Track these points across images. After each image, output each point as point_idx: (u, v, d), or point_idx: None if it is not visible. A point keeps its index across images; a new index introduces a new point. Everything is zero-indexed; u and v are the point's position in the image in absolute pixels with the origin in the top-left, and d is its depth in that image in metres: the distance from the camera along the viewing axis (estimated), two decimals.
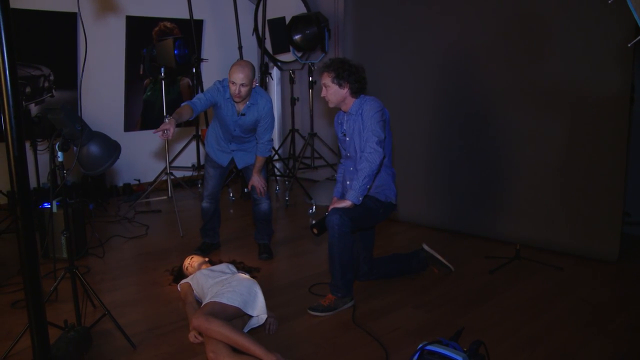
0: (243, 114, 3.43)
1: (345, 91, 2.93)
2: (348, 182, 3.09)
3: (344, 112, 3.04)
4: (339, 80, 2.90)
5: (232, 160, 3.70)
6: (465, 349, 2.05)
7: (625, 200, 3.54)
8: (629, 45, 2.71)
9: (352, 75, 2.90)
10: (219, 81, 3.43)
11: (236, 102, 3.37)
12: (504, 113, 3.99)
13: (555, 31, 3.66)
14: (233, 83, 3.25)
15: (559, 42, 3.65)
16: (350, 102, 2.97)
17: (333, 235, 2.81)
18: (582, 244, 3.65)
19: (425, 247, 3.42)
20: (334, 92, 2.94)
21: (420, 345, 2.07)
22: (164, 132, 2.95)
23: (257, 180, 3.62)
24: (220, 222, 3.98)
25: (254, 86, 3.37)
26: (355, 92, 2.95)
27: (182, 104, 3.30)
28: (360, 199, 2.84)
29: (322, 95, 3.00)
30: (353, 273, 2.95)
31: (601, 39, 3.46)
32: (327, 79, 2.93)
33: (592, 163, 3.58)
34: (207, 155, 3.74)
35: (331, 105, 3.01)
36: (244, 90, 3.27)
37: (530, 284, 3.24)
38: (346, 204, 2.83)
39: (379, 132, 2.84)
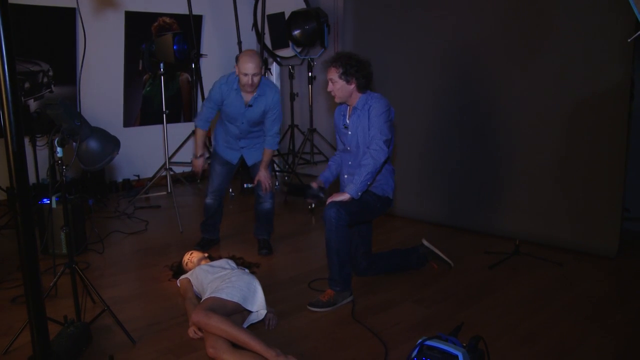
0: (250, 105, 3.42)
1: (352, 87, 2.90)
2: (346, 176, 3.09)
3: (349, 105, 3.02)
4: (347, 76, 2.86)
5: (241, 158, 3.70)
6: (464, 344, 2.05)
7: (624, 196, 3.54)
8: (629, 40, 2.69)
9: (359, 71, 2.87)
10: (222, 77, 3.44)
11: (248, 92, 3.36)
12: (503, 108, 3.98)
13: (554, 27, 3.65)
14: (245, 74, 3.23)
15: (558, 38, 3.64)
16: (356, 98, 2.95)
17: (330, 229, 2.81)
18: (582, 239, 3.65)
19: (425, 242, 3.42)
20: (340, 87, 2.90)
21: (420, 341, 2.07)
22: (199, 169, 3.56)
23: (263, 176, 3.60)
24: (222, 218, 3.98)
25: None
26: (362, 88, 2.92)
27: (195, 130, 3.58)
28: (360, 194, 2.84)
29: (329, 90, 2.95)
30: (350, 267, 2.95)
31: (601, 34, 3.45)
32: (334, 74, 2.88)
33: (592, 159, 3.58)
34: (214, 153, 3.73)
35: (337, 100, 2.97)
36: (256, 79, 3.28)
37: (529, 279, 3.25)
38: (345, 197, 2.82)
39: (387, 131, 2.84)
